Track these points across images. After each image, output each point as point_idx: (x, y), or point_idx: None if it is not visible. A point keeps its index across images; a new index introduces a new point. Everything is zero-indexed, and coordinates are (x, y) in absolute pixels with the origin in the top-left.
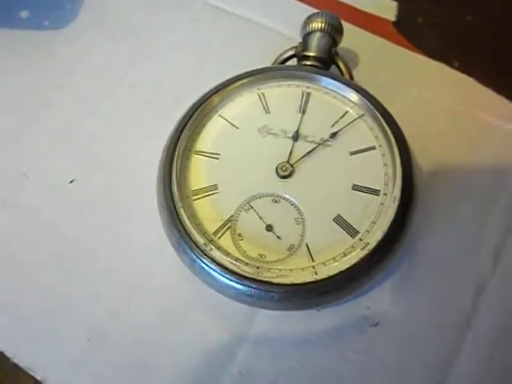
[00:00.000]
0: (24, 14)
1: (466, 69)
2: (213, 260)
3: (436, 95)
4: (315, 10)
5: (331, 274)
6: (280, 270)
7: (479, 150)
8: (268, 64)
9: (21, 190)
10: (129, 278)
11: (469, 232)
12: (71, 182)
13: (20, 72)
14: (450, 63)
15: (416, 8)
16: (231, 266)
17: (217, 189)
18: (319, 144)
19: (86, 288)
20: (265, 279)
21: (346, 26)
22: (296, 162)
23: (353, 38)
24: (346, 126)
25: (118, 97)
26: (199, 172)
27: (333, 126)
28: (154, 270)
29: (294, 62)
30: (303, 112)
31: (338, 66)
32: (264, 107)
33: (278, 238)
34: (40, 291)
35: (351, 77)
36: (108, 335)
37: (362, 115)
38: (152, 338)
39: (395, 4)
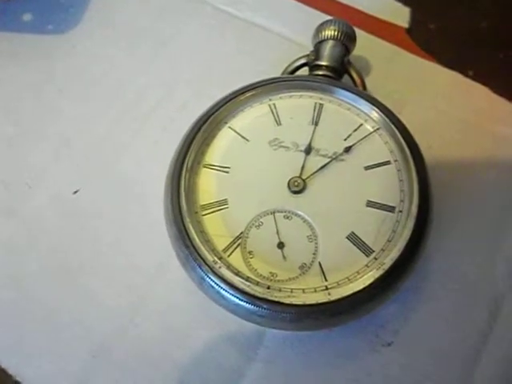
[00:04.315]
0: (27, 17)
1: (480, 78)
2: (222, 279)
3: (449, 105)
4: (326, 16)
5: (345, 294)
6: (292, 289)
7: (493, 162)
8: (278, 71)
9: (23, 200)
10: (133, 292)
11: (483, 247)
12: (75, 192)
13: (22, 77)
14: (463, 72)
15: (428, 14)
16: (242, 286)
17: (227, 204)
18: (332, 158)
19: (90, 302)
20: (276, 299)
21: (357, 32)
22: (308, 176)
23: (364, 44)
24: (361, 139)
25: (123, 103)
26: (208, 186)
27: (346, 139)
28: (159, 284)
29: (305, 70)
30: (316, 124)
31: (351, 76)
32: (275, 119)
33: (290, 256)
34: (43, 305)
35: (364, 87)
36: (113, 352)
37: (378, 129)
38: (157, 355)
39: (408, 10)
